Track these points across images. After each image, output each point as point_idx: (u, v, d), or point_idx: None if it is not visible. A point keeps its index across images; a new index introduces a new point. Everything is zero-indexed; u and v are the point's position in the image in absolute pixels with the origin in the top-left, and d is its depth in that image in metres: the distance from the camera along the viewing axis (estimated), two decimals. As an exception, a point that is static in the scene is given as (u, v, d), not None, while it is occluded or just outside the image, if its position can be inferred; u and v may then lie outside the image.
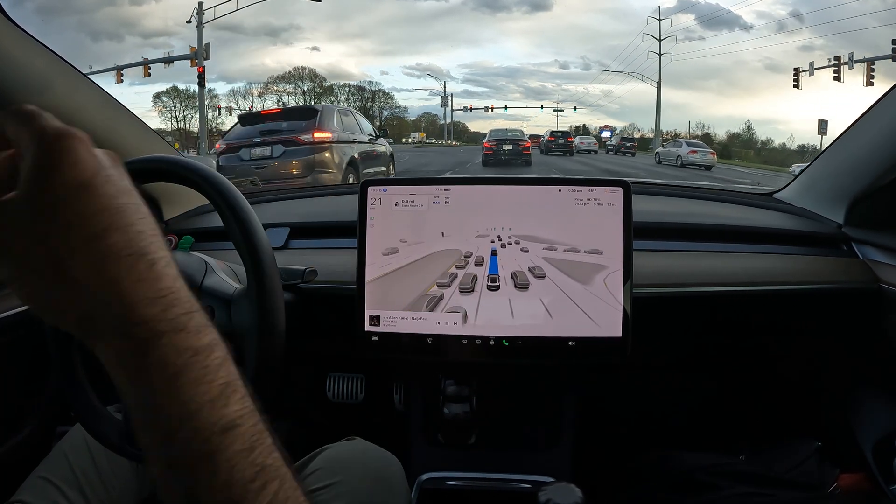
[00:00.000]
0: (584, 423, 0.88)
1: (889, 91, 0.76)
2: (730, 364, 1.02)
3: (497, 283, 0.70)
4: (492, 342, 0.71)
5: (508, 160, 12.69)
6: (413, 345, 0.71)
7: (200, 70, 13.68)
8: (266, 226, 0.59)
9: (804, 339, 0.93)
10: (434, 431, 0.88)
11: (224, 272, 0.62)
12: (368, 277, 0.72)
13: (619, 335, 0.69)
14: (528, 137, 15.68)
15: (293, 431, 0.97)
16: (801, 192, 0.99)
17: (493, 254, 0.71)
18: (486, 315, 0.71)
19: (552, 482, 0.59)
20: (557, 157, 17.33)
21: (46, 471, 0.60)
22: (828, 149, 0.92)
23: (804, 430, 0.94)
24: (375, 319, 0.72)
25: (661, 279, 0.78)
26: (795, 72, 16.87)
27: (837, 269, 0.83)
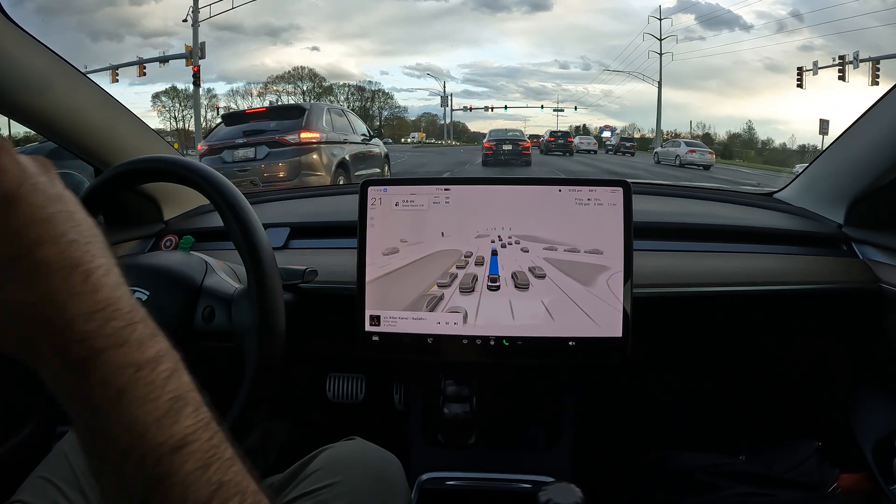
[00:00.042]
0: (584, 423, 0.88)
1: (889, 91, 0.76)
2: (730, 364, 1.02)
3: (497, 283, 0.70)
4: (492, 342, 0.71)
5: (508, 160, 12.69)
6: (413, 345, 0.71)
7: (195, 69, 13.60)
8: (266, 226, 0.59)
9: (804, 339, 0.93)
10: (434, 431, 0.88)
11: (224, 272, 0.62)
12: (368, 277, 0.72)
13: (620, 335, 0.69)
14: (528, 137, 15.70)
15: (293, 431, 0.97)
16: (801, 192, 0.99)
17: (494, 254, 0.71)
18: (487, 315, 0.71)
19: (552, 482, 0.59)
20: (557, 157, 17.33)
21: (46, 471, 0.60)
22: (828, 149, 0.92)
23: (804, 430, 0.94)
24: (375, 319, 0.72)
25: (662, 279, 0.78)
26: (799, 71, 16.68)
27: (837, 269, 0.83)
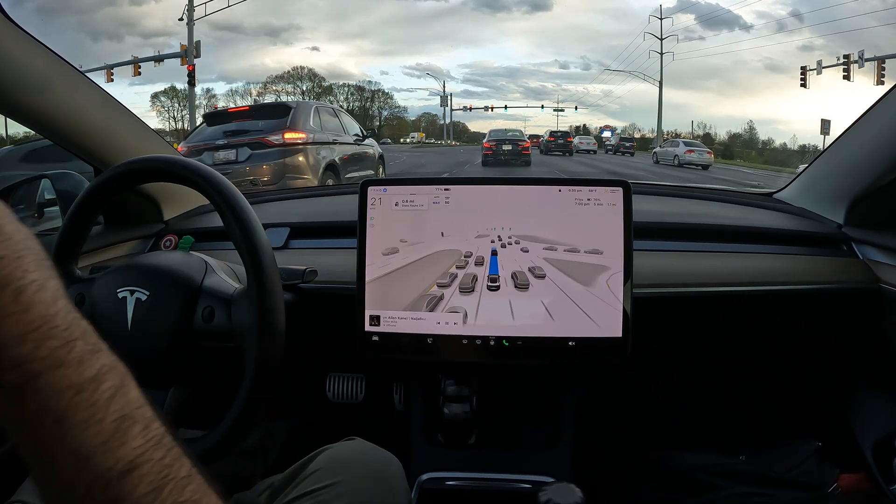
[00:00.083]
0: (584, 423, 0.88)
1: (889, 91, 0.76)
2: (730, 364, 1.02)
3: (497, 284, 0.70)
4: (492, 342, 0.71)
5: (508, 160, 12.69)
6: (413, 345, 0.71)
7: (190, 68, 13.43)
8: (266, 226, 0.59)
9: (804, 339, 0.93)
10: (434, 431, 0.88)
11: (224, 272, 0.62)
12: (368, 277, 0.72)
13: (619, 335, 0.69)
14: (528, 137, 15.70)
15: (293, 431, 0.97)
16: (801, 192, 0.99)
17: (494, 254, 0.71)
18: (486, 315, 0.71)
19: (552, 482, 0.59)
20: (557, 157, 17.34)
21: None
22: (828, 149, 0.92)
23: (804, 430, 0.94)
24: (375, 319, 0.72)
25: (662, 279, 0.78)
26: (802, 70, 16.49)
27: (837, 269, 0.83)
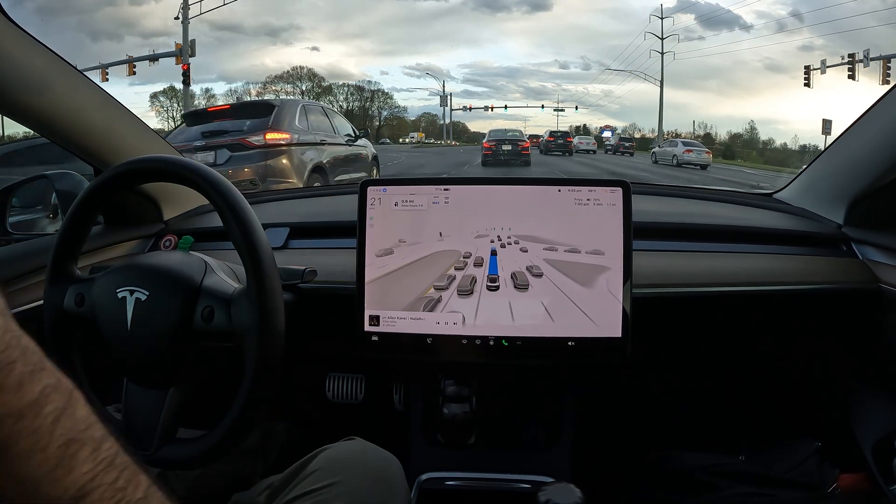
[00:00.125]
0: (584, 423, 0.88)
1: (889, 91, 0.75)
2: (730, 364, 1.02)
3: (497, 284, 0.70)
4: (491, 342, 0.71)
5: (507, 160, 12.69)
6: (413, 345, 0.71)
7: (185, 67, 13.28)
8: (266, 226, 0.59)
9: (804, 340, 0.93)
10: (434, 431, 0.88)
11: (224, 272, 0.62)
12: (368, 277, 0.72)
13: (619, 335, 0.69)
14: (528, 137, 15.72)
15: (293, 431, 0.97)
16: (801, 192, 0.99)
17: (493, 254, 0.71)
18: (486, 315, 0.71)
19: (552, 482, 0.59)
20: (556, 157, 17.34)
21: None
22: (828, 149, 0.92)
23: (804, 430, 0.94)
24: (375, 319, 0.72)
25: (661, 279, 0.78)
26: (806, 70, 16.33)
27: (837, 270, 0.83)
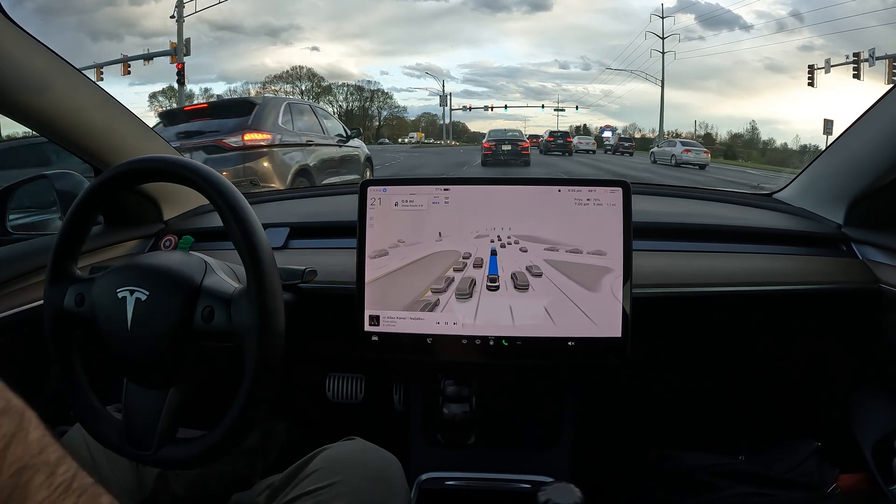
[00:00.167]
0: (584, 423, 0.88)
1: (889, 91, 0.75)
2: (730, 364, 1.02)
3: (497, 284, 0.70)
4: (491, 342, 0.71)
5: (507, 160, 12.71)
6: (413, 345, 0.71)
7: (180, 66, 13.01)
8: (266, 226, 0.59)
9: (804, 340, 0.93)
10: (434, 431, 0.87)
11: (224, 272, 0.62)
12: (368, 278, 0.72)
13: (619, 335, 0.69)
14: (528, 137, 15.77)
15: (293, 431, 0.97)
16: (801, 193, 0.99)
17: (493, 254, 0.71)
18: (486, 315, 0.71)
19: (552, 482, 0.59)
20: (556, 157, 17.35)
21: (46, 471, 0.60)
22: (828, 149, 0.92)
23: (804, 430, 0.94)
24: (375, 319, 0.72)
25: (661, 279, 0.78)
26: (810, 69, 16.21)
27: (837, 270, 0.83)
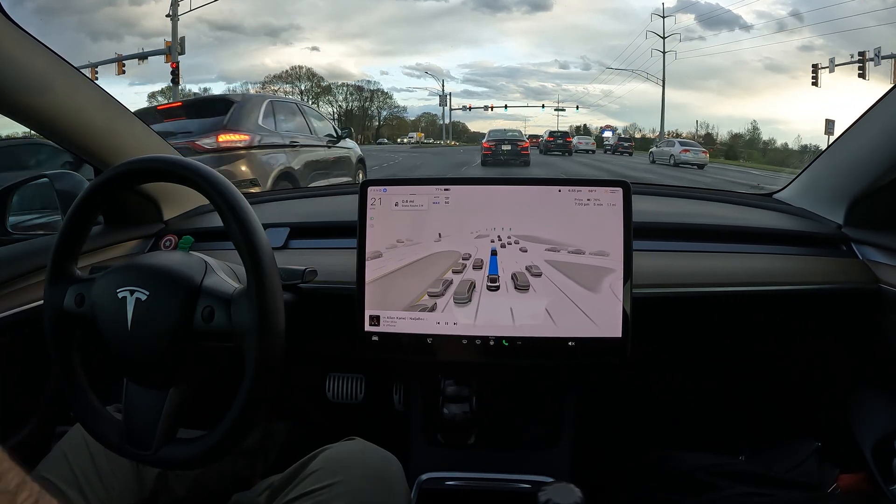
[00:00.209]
0: (584, 423, 0.88)
1: (889, 91, 0.75)
2: (730, 364, 1.02)
3: (497, 284, 0.70)
4: (491, 342, 0.71)
5: (507, 160, 12.72)
6: (413, 345, 0.71)
7: (174, 65, 12.79)
8: (266, 226, 0.59)
9: (804, 340, 0.93)
10: (434, 431, 0.87)
11: (224, 272, 0.62)
12: (368, 278, 0.72)
13: (619, 335, 0.69)
14: (528, 137, 15.78)
15: (293, 431, 0.97)
16: (801, 193, 0.99)
17: (493, 254, 0.71)
18: (486, 316, 0.71)
19: (552, 482, 0.59)
20: (556, 157, 17.36)
21: (46, 471, 0.60)
22: (828, 149, 0.92)
23: (804, 430, 0.94)
24: (375, 319, 0.72)
25: (661, 279, 0.78)
26: (814, 68, 16.11)
27: (837, 270, 0.83)
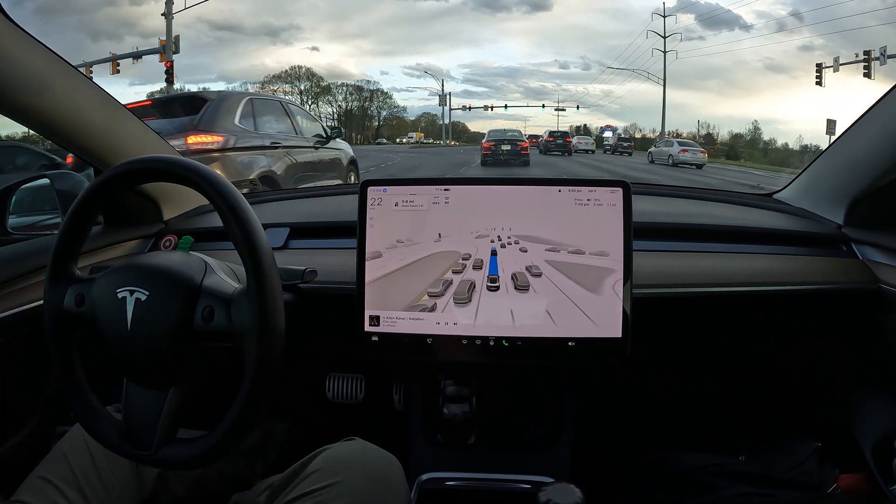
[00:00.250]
0: (584, 423, 0.88)
1: (889, 91, 0.75)
2: (730, 364, 1.02)
3: (497, 284, 0.70)
4: (491, 342, 0.71)
5: (507, 160, 12.73)
6: (413, 345, 0.71)
7: (168, 64, 12.43)
8: (266, 226, 0.59)
9: (804, 340, 0.93)
10: (434, 431, 0.88)
11: (224, 272, 0.62)
12: (368, 278, 0.72)
13: (619, 335, 0.69)
14: (528, 137, 15.79)
15: (293, 431, 0.97)
16: (801, 193, 0.99)
17: (493, 254, 0.71)
18: (486, 316, 0.71)
19: (552, 482, 0.59)
20: (556, 157, 17.37)
21: (46, 471, 0.60)
22: (828, 149, 0.92)
23: (804, 430, 0.94)
24: (375, 320, 0.72)
25: (661, 279, 0.78)
26: (818, 67, 15.79)
27: (837, 270, 0.83)
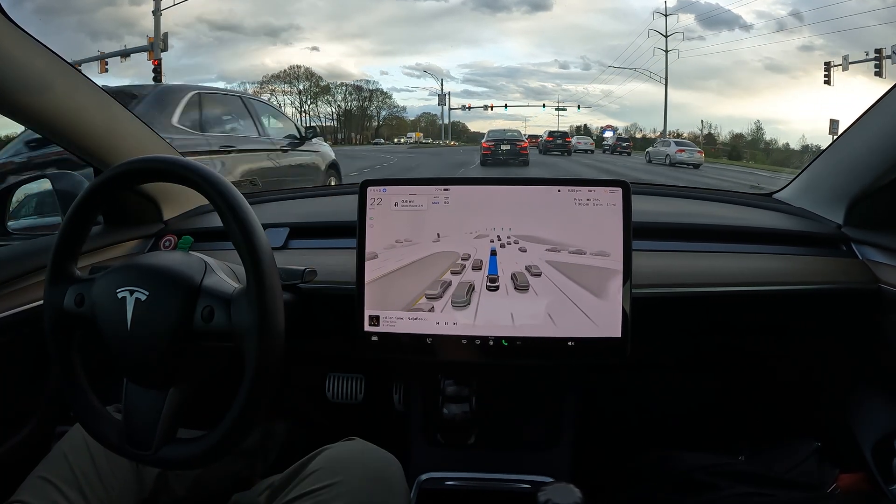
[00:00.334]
0: (584, 423, 0.88)
1: (889, 91, 0.76)
2: (729, 364, 1.02)
3: (497, 284, 0.70)
4: (491, 342, 0.71)
5: (506, 160, 12.76)
6: (412, 345, 0.71)
7: (156, 63, 12.30)
8: (266, 226, 0.59)
9: (803, 340, 0.93)
10: (434, 431, 0.88)
11: (224, 272, 0.62)
12: (368, 278, 0.72)
13: (619, 335, 0.69)
14: (527, 137, 15.83)
15: (293, 431, 0.97)
16: (801, 193, 0.99)
17: (493, 254, 0.71)
18: (486, 316, 0.71)
19: (552, 482, 0.59)
20: (555, 157, 17.38)
21: (46, 471, 0.60)
22: (828, 148, 0.92)
23: (804, 430, 0.94)
24: (375, 319, 0.72)
25: (661, 279, 0.79)
26: (826, 66, 15.72)
27: (837, 270, 0.83)
